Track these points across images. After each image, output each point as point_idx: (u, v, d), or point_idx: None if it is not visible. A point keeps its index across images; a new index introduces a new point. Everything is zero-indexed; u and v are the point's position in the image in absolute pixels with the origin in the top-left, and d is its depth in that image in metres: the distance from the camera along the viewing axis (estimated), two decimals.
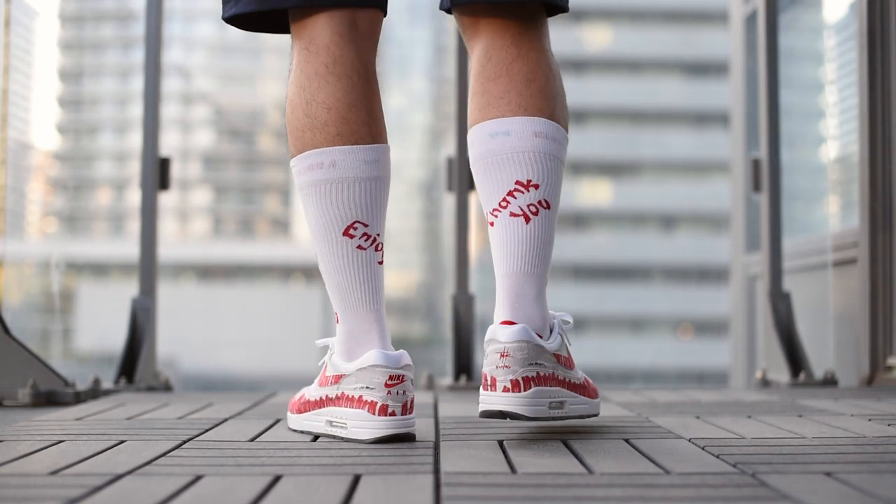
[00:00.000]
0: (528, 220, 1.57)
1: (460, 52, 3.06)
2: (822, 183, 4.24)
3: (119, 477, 1.23)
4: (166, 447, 1.48)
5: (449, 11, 1.69)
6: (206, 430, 1.70)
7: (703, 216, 37.85)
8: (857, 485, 1.16)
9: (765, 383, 2.96)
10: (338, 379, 1.58)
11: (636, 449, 1.45)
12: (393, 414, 1.50)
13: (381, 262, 1.61)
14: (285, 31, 1.68)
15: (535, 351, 1.51)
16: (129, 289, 3.05)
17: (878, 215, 2.92)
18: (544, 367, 1.52)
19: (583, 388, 1.63)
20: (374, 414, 1.51)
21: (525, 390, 1.49)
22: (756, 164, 3.24)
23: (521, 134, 1.57)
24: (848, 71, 3.57)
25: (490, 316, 1.61)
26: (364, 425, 1.52)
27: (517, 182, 1.57)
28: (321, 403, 1.61)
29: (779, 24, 3.24)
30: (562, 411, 1.56)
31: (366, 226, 1.58)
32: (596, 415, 1.66)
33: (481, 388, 1.53)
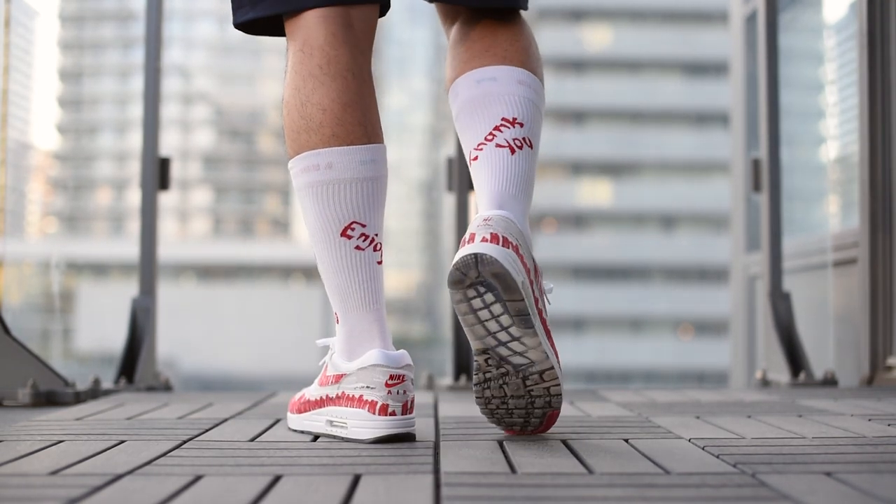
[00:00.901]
0: (513, 151, 1.59)
1: None
2: (822, 183, 4.24)
3: (119, 477, 1.23)
4: (166, 447, 1.48)
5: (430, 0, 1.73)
6: (206, 430, 1.70)
7: (703, 216, 37.85)
8: (857, 485, 1.16)
9: (765, 383, 2.96)
10: (338, 378, 1.58)
11: (636, 449, 1.45)
12: (393, 414, 1.50)
13: (380, 262, 1.61)
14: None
15: (515, 232, 1.49)
16: (129, 289, 3.05)
17: (878, 215, 2.92)
18: (522, 248, 1.49)
19: (545, 292, 1.59)
20: (374, 413, 1.51)
21: (503, 245, 1.45)
22: (756, 164, 3.24)
23: (506, 80, 1.61)
24: (848, 71, 3.57)
25: None
26: (364, 425, 1.52)
27: (503, 119, 1.60)
28: (321, 403, 1.61)
29: (779, 24, 3.24)
30: (521, 293, 1.46)
31: (363, 226, 1.58)
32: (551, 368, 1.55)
33: (459, 247, 1.49)
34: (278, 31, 1.68)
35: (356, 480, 1.20)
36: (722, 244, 32.43)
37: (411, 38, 42.92)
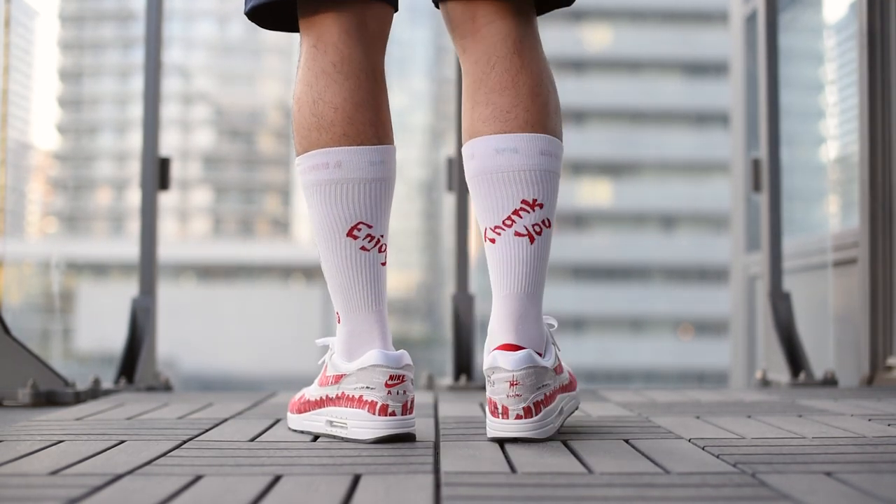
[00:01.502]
0: (532, 240, 1.56)
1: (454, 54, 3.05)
2: (822, 183, 4.24)
3: (119, 477, 1.23)
4: (166, 447, 1.48)
5: (437, 5, 1.66)
6: (206, 430, 1.70)
7: (703, 216, 37.85)
8: (857, 485, 1.16)
9: (765, 383, 2.96)
10: (338, 379, 1.58)
11: (636, 449, 1.45)
12: (393, 414, 1.50)
13: (384, 264, 1.61)
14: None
15: (541, 374, 1.52)
16: (129, 289, 3.05)
17: (878, 215, 2.92)
18: (548, 387, 1.54)
19: (570, 386, 1.66)
20: (374, 414, 1.51)
21: (536, 415, 1.50)
22: (756, 164, 3.24)
23: (528, 152, 1.55)
24: (848, 71, 3.58)
25: (489, 316, 1.60)
26: (364, 425, 1.51)
27: (523, 201, 1.55)
28: (321, 403, 1.61)
29: (779, 24, 3.24)
30: (561, 417, 1.59)
31: (370, 227, 1.58)
32: (578, 406, 1.71)
33: (489, 413, 1.52)
34: (290, 26, 1.67)
35: (356, 480, 1.20)
36: (722, 244, 32.42)
37: (411, 38, 42.92)
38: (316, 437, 1.61)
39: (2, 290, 2.63)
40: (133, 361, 2.83)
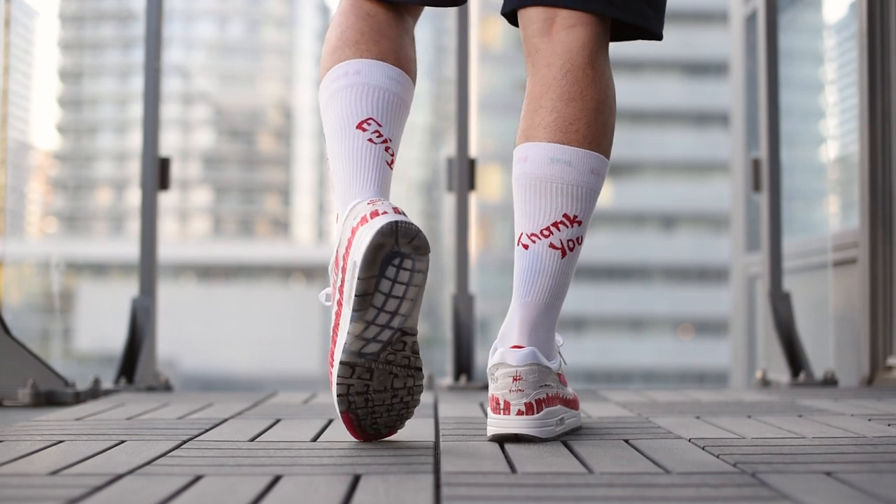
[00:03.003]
0: (564, 254, 1.59)
1: (460, 53, 3.05)
2: (822, 183, 4.24)
3: (119, 477, 1.23)
4: (166, 447, 1.48)
5: (508, 17, 1.69)
6: (206, 430, 1.70)
7: (703, 216, 37.85)
8: (857, 485, 1.16)
9: (765, 383, 2.96)
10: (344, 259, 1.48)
11: (636, 449, 1.45)
12: (385, 213, 1.43)
13: (390, 165, 1.58)
14: None
15: (544, 373, 1.54)
16: (129, 289, 3.05)
17: (878, 215, 2.92)
18: (551, 388, 1.55)
19: (573, 403, 1.66)
20: (373, 220, 1.42)
21: (538, 412, 1.52)
22: (756, 164, 3.24)
23: (580, 168, 1.59)
24: (848, 71, 3.57)
25: (489, 316, 1.61)
26: (366, 231, 1.42)
27: (564, 215, 1.58)
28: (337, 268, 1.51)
29: (779, 24, 3.24)
30: (562, 427, 1.59)
31: (379, 125, 1.58)
32: (579, 426, 1.70)
33: (490, 410, 1.54)
34: None
35: (356, 480, 1.20)
36: (722, 244, 32.43)
37: None
38: (315, 438, 1.61)
39: (2, 290, 2.63)
40: (133, 361, 2.83)
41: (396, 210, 1.44)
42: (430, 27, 41.75)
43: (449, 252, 3.16)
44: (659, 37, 1.69)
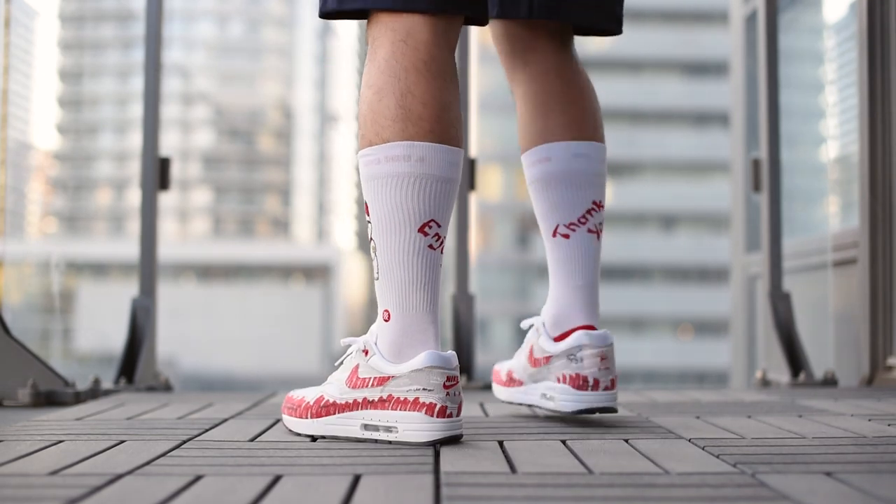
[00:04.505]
0: (598, 237, 1.83)
1: (460, 53, 3.05)
2: (822, 183, 4.24)
3: (119, 477, 1.23)
4: (166, 447, 1.48)
5: (496, 17, 1.83)
6: (206, 430, 1.70)
7: (703, 216, 37.85)
8: (857, 485, 1.16)
9: (765, 383, 2.96)
10: (382, 381, 1.53)
11: (636, 449, 1.45)
12: (450, 415, 1.50)
13: (440, 266, 1.60)
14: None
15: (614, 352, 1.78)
16: (129, 289, 3.05)
17: (878, 215, 2.92)
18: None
19: None
20: (432, 416, 1.48)
21: (614, 388, 1.76)
22: (756, 164, 3.24)
23: (596, 159, 1.82)
24: (848, 71, 3.57)
25: (489, 316, 1.62)
26: (422, 427, 1.49)
27: (594, 202, 1.82)
28: (355, 406, 1.56)
29: (779, 24, 3.24)
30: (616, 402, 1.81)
31: (439, 226, 1.57)
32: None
33: (573, 389, 1.73)
34: (359, 14, 1.64)
35: (356, 480, 1.20)
36: (722, 244, 32.42)
37: None
38: (315, 438, 1.61)
39: (2, 290, 2.64)
40: (133, 361, 2.83)
41: (458, 396, 1.52)
42: None
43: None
44: (618, 33, 1.91)
